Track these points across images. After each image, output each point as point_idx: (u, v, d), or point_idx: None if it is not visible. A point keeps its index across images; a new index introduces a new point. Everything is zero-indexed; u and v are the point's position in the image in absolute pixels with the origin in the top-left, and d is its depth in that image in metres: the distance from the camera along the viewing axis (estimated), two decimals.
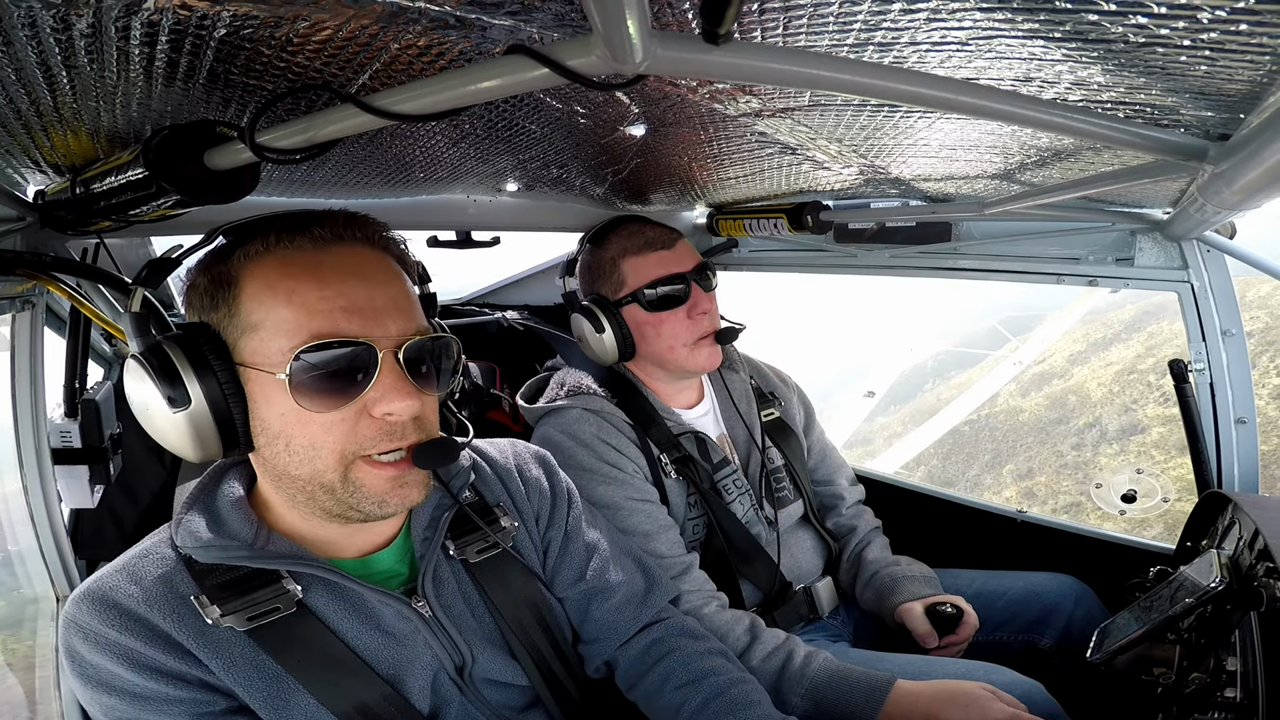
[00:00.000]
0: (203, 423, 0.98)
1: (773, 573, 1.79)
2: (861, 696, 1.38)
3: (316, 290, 0.98)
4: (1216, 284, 1.78)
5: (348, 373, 0.98)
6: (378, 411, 0.99)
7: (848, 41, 0.73)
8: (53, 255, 1.36)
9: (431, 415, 1.08)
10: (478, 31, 0.74)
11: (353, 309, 0.98)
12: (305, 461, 1.00)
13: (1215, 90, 0.78)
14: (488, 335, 2.66)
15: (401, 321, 1.02)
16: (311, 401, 0.97)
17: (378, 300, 1.01)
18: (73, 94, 0.87)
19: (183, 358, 0.97)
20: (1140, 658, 1.32)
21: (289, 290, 0.98)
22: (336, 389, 0.98)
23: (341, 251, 1.03)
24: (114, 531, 1.84)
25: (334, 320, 0.97)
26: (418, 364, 1.04)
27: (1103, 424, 16.10)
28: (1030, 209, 1.70)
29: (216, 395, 0.97)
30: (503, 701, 1.21)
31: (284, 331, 0.97)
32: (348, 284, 1.00)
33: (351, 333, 0.98)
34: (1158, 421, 14.87)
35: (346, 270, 1.01)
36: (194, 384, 0.96)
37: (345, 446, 0.99)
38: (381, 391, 0.99)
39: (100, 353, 1.96)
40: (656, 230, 1.79)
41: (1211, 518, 1.60)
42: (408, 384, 1.01)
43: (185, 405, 0.96)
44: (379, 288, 1.02)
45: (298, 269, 0.99)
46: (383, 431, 1.01)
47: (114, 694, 0.97)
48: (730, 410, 1.94)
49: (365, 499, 1.02)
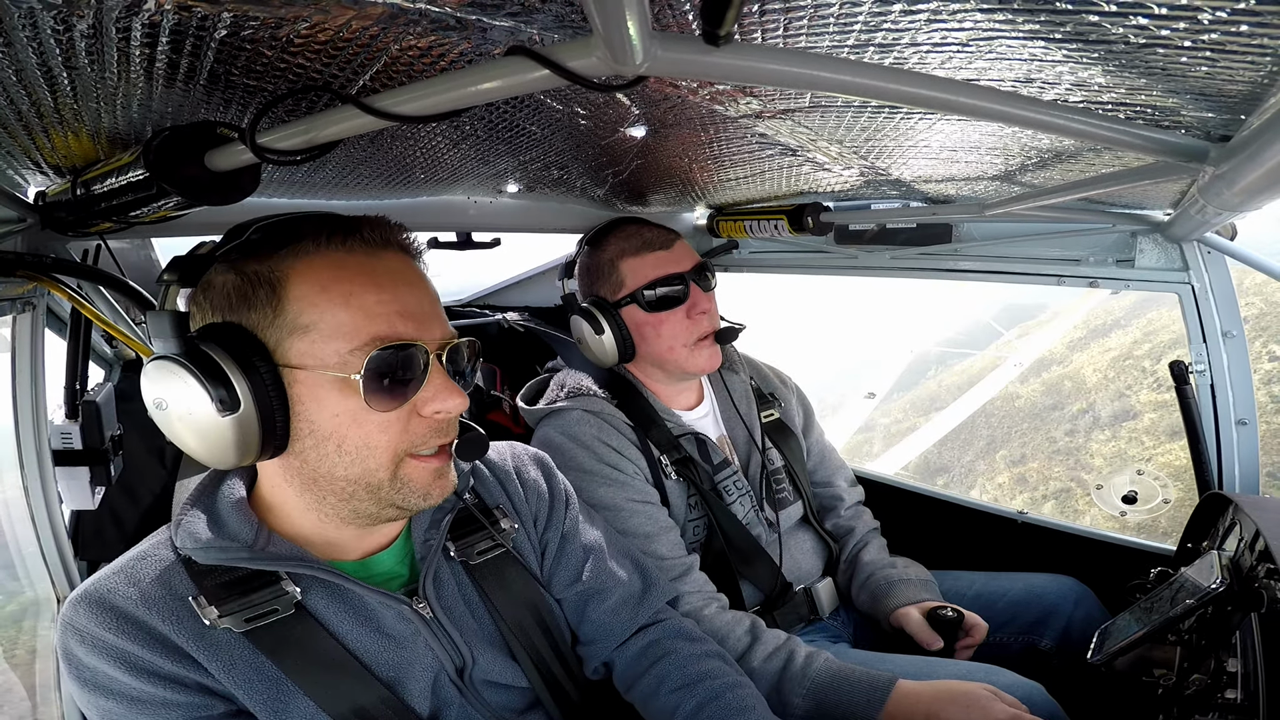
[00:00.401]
0: (249, 426, 0.95)
1: (774, 574, 1.79)
2: (863, 696, 1.38)
3: (374, 294, 1.00)
4: (1217, 285, 1.78)
5: (407, 373, 1.01)
6: (428, 410, 1.03)
7: (848, 43, 0.73)
8: (53, 257, 1.36)
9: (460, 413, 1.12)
10: (478, 33, 0.74)
11: (406, 313, 1.01)
12: (357, 461, 1.01)
13: (1216, 91, 0.78)
14: (488, 337, 2.66)
15: (441, 326, 1.07)
16: (379, 401, 0.99)
17: (424, 305, 1.05)
18: (73, 95, 0.87)
19: (229, 359, 0.94)
20: (1141, 659, 1.31)
21: (346, 293, 0.99)
22: (395, 390, 1.00)
23: (389, 257, 1.05)
24: (115, 533, 1.84)
25: (392, 324, 1.00)
26: (456, 364, 1.08)
27: (1096, 410, 16.14)
28: (1031, 210, 1.70)
29: (265, 398, 0.96)
30: (502, 703, 1.20)
31: (341, 334, 0.97)
32: (400, 289, 1.02)
33: (408, 336, 1.00)
34: (1150, 408, 14.91)
35: (397, 275, 1.04)
36: (243, 385, 0.94)
37: (398, 445, 1.02)
38: (433, 391, 1.03)
39: (100, 354, 1.96)
40: (654, 231, 1.79)
41: (1212, 519, 1.60)
42: (453, 384, 1.05)
43: (234, 408, 0.94)
44: (424, 293, 1.07)
45: (352, 272, 1.00)
46: (432, 429, 1.05)
47: (111, 697, 0.97)
48: (730, 411, 1.94)
49: (412, 493, 1.05)
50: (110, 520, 1.84)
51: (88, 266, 1.45)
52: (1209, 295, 1.78)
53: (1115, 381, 16.48)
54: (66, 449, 1.59)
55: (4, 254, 1.28)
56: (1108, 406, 15.87)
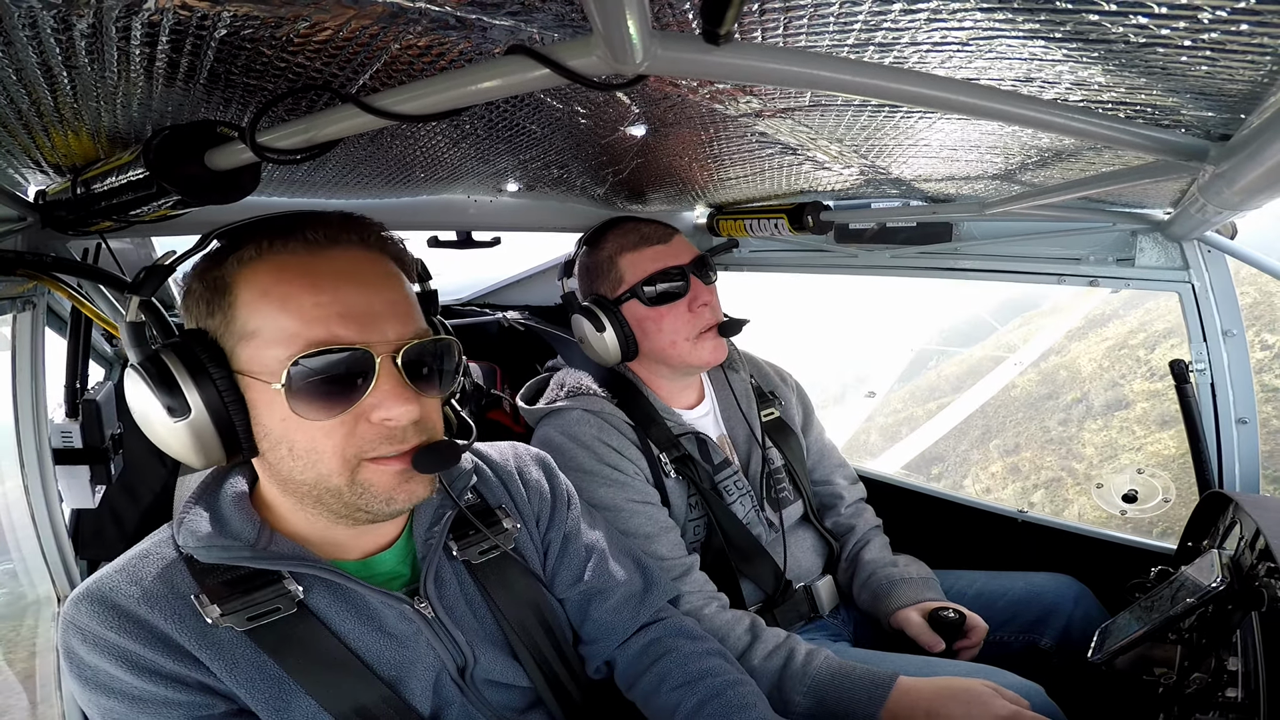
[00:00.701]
0: (204, 431, 0.98)
1: (776, 574, 1.79)
2: (864, 694, 1.38)
3: (311, 296, 0.97)
4: (1217, 284, 1.78)
5: (346, 379, 0.97)
6: (376, 417, 0.99)
7: (848, 42, 0.73)
8: (53, 255, 1.36)
9: (433, 417, 1.07)
10: (478, 32, 0.74)
11: (349, 314, 0.98)
12: (309, 466, 1.00)
13: (1216, 90, 0.78)
14: (488, 335, 2.66)
15: (399, 325, 1.02)
16: (309, 409, 0.97)
17: (375, 304, 1.00)
18: (73, 94, 0.87)
19: (181, 367, 0.96)
20: (1141, 658, 1.31)
21: (283, 296, 0.97)
22: (335, 396, 0.97)
23: (336, 255, 1.02)
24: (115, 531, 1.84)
25: (330, 327, 0.96)
26: (417, 367, 1.03)
27: (1090, 399, 16.24)
28: (1031, 209, 1.70)
29: (216, 404, 0.97)
30: (504, 703, 1.21)
31: (281, 339, 0.96)
32: (343, 289, 0.99)
33: (348, 339, 0.97)
34: (1142, 397, 14.98)
35: (342, 275, 1.00)
36: (193, 393, 0.96)
37: (346, 451, 0.99)
38: (380, 397, 0.99)
39: (101, 353, 1.96)
40: (652, 226, 1.79)
41: (1212, 518, 1.60)
42: (406, 389, 1.00)
43: (185, 414, 0.96)
44: (375, 292, 1.01)
45: (292, 274, 0.98)
46: (382, 435, 1.00)
47: (112, 696, 0.97)
48: (731, 410, 1.94)
49: (373, 498, 1.02)
50: (110, 519, 1.84)
51: (88, 265, 1.45)
52: (1209, 294, 1.78)
53: (1110, 371, 16.60)
54: (67, 448, 1.60)
55: (4, 253, 1.28)
56: (1101, 396, 15.99)
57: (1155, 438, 13.24)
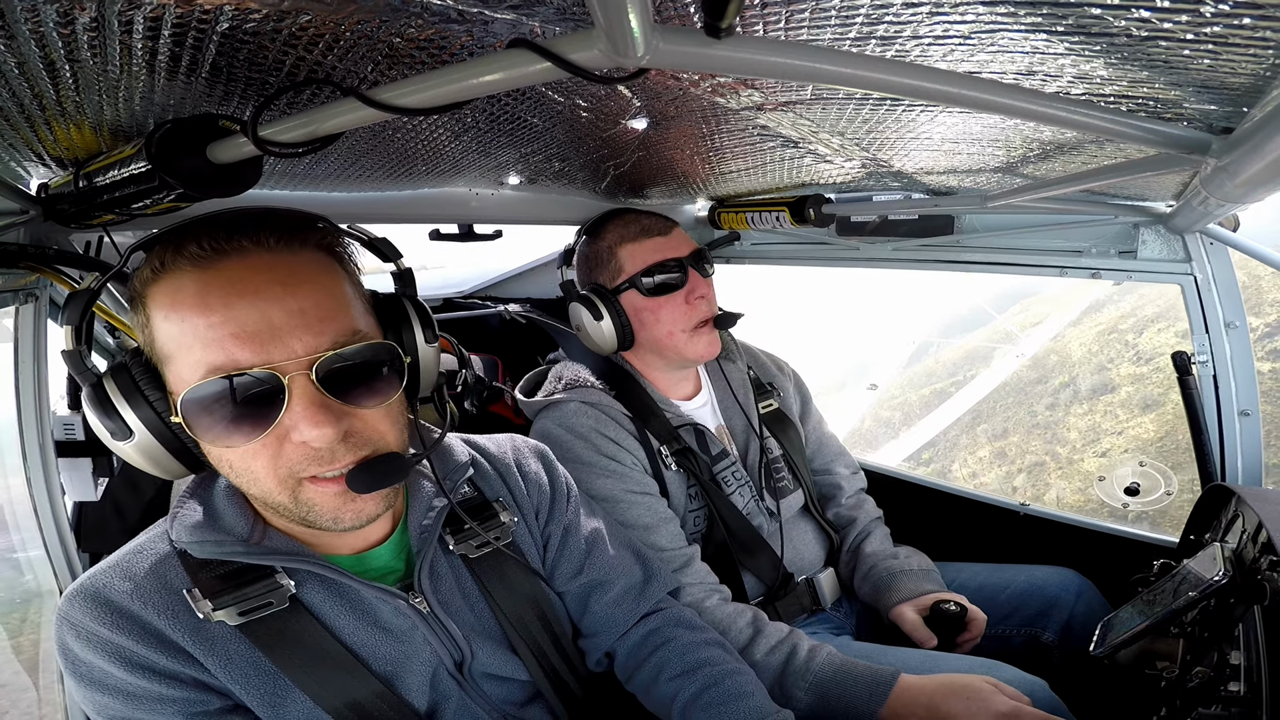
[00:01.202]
0: (153, 451, 0.97)
1: (775, 564, 1.79)
2: (866, 691, 1.38)
3: (203, 318, 0.89)
4: (1220, 276, 1.77)
5: (254, 403, 0.91)
6: (295, 439, 0.93)
7: (850, 35, 0.73)
8: (56, 248, 1.37)
9: (373, 428, 0.99)
10: (480, 25, 0.74)
11: (243, 334, 0.89)
12: (251, 483, 0.97)
13: (1218, 84, 0.78)
14: (490, 328, 2.66)
15: (310, 337, 0.92)
16: (216, 437, 0.92)
17: (274, 317, 0.90)
18: (76, 88, 0.87)
19: (118, 392, 0.94)
20: (1143, 652, 1.31)
21: (179, 320, 0.90)
22: (244, 421, 0.91)
23: (226, 266, 0.91)
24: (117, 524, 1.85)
25: (226, 350, 0.89)
26: (340, 380, 0.94)
27: (1077, 383, 16.33)
28: (1033, 202, 1.70)
29: (157, 425, 0.95)
30: (503, 696, 1.21)
31: (188, 364, 0.91)
32: (234, 305, 0.89)
33: (246, 361, 0.89)
34: (1128, 380, 15.06)
35: (232, 288, 0.90)
36: (132, 417, 0.94)
37: (278, 471, 0.94)
38: (294, 419, 0.91)
39: (103, 345, 1.96)
40: (652, 218, 1.80)
41: (1215, 511, 1.60)
42: (323, 409, 0.92)
43: (129, 437, 0.95)
44: (275, 302, 0.91)
45: (184, 295, 0.90)
46: (308, 456, 0.94)
47: (107, 692, 0.97)
48: (728, 401, 1.94)
49: (320, 516, 0.98)
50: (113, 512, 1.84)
51: (90, 258, 1.45)
52: (1211, 286, 1.78)
53: (1098, 355, 16.73)
54: (69, 440, 1.60)
55: (6, 245, 1.28)
56: (1088, 380, 16.11)
57: (1136, 421, 13.34)
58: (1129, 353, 16.00)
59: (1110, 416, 14.35)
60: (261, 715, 1.02)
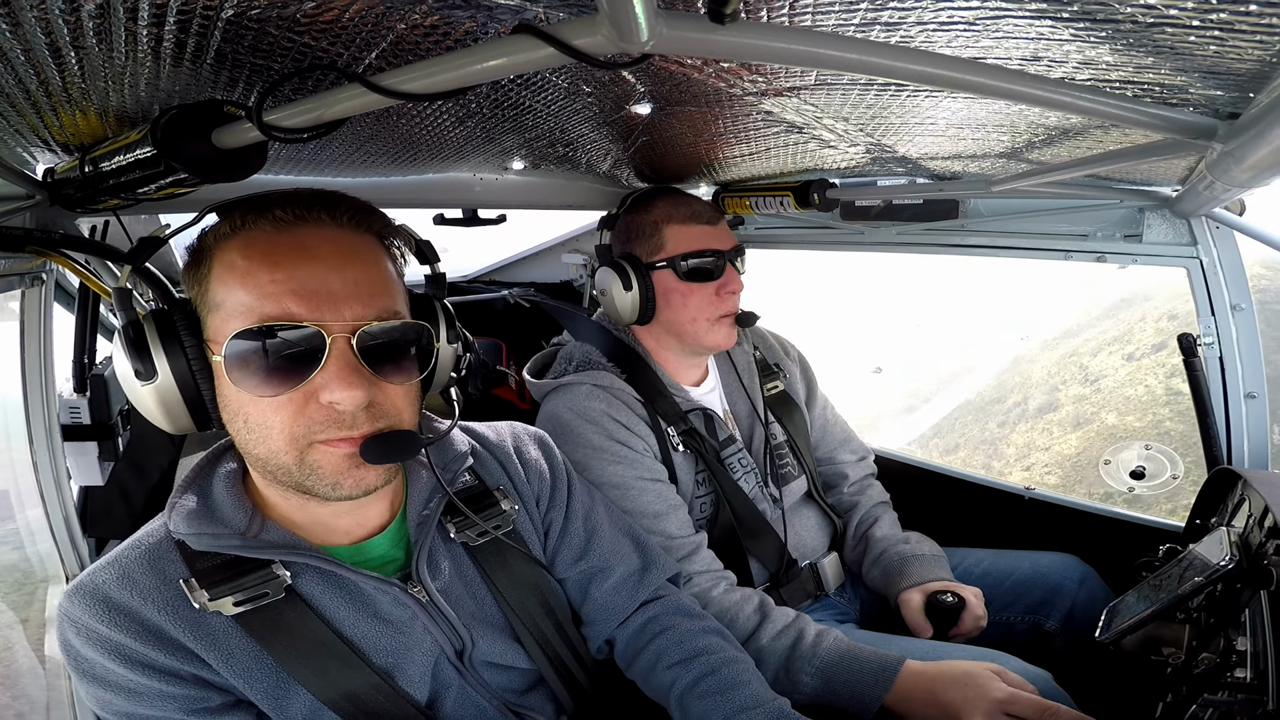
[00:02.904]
0: (170, 396, 0.99)
1: (780, 550, 1.80)
2: (871, 676, 1.39)
3: (269, 273, 0.96)
4: (1226, 259, 1.77)
5: (294, 357, 0.95)
6: (324, 398, 0.97)
7: (854, 21, 0.73)
8: (62, 232, 1.37)
9: (393, 404, 1.04)
10: (484, 11, 0.74)
11: (303, 292, 0.96)
12: (260, 441, 0.99)
13: (1225, 69, 0.78)
14: (494, 312, 2.67)
15: (359, 305, 0.99)
16: (251, 384, 0.96)
17: (333, 283, 0.97)
18: (81, 74, 0.87)
19: (155, 333, 0.98)
20: (1149, 638, 1.31)
21: (245, 271, 0.97)
22: (281, 373, 0.96)
23: (302, 233, 1.00)
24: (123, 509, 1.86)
25: (283, 304, 0.95)
26: (376, 350, 1.00)
27: (1028, 402, 16.89)
28: (1038, 187, 1.69)
29: (183, 370, 0.98)
30: (504, 684, 1.21)
31: (238, 313, 0.96)
32: (301, 267, 0.97)
33: (300, 316, 0.95)
34: (1071, 400, 15.77)
35: (303, 253, 0.98)
36: (162, 359, 0.98)
37: (294, 429, 0.98)
38: (327, 378, 0.96)
39: (109, 328, 1.97)
40: (703, 205, 1.82)
41: (1221, 495, 1.59)
42: (356, 373, 0.97)
43: (152, 379, 0.98)
44: (336, 270, 0.98)
45: (256, 250, 0.98)
46: (330, 418, 0.98)
47: (109, 689, 0.98)
48: (734, 385, 1.95)
49: (320, 480, 1.00)
50: (119, 496, 1.86)
51: (95, 242, 1.46)
52: (1217, 269, 1.77)
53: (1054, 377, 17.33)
54: (75, 424, 1.61)
55: (13, 230, 1.29)
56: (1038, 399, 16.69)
57: (1065, 439, 14.01)
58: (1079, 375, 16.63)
59: (1046, 434, 14.94)
60: (265, 709, 1.03)
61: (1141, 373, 14.87)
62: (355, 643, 1.07)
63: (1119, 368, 15.57)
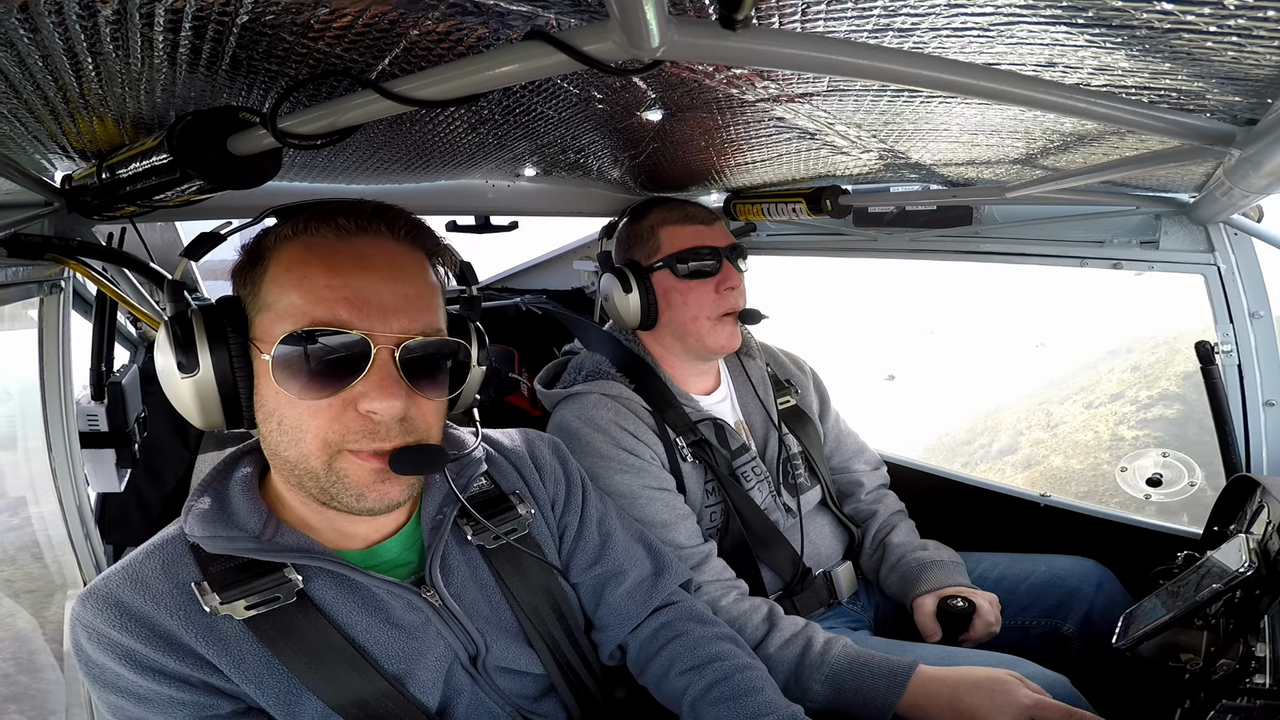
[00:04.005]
0: (207, 392, 1.00)
1: (794, 560, 1.78)
2: (883, 683, 1.38)
3: (325, 278, 0.98)
4: (1244, 266, 1.76)
5: (339, 363, 0.98)
6: (362, 407, 0.98)
7: (867, 27, 0.73)
8: (79, 240, 1.38)
9: (426, 419, 1.06)
10: (496, 17, 0.74)
11: (356, 300, 0.98)
12: (292, 444, 1.01)
13: (1242, 75, 0.77)
14: (506, 319, 2.67)
15: (406, 319, 1.01)
16: (294, 386, 0.98)
17: (385, 295, 1.00)
18: (99, 80, 0.88)
19: (201, 327, 0.99)
20: (1167, 644, 1.29)
21: (302, 275, 0.99)
22: (325, 378, 0.98)
23: (361, 243, 1.03)
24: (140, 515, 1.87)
25: (335, 310, 0.97)
26: (417, 365, 1.03)
27: (991, 445, 17.92)
28: (1053, 193, 1.68)
29: (224, 367, 1.00)
30: (516, 690, 1.21)
31: (289, 315, 0.98)
32: (357, 276, 0.99)
33: (349, 324, 0.97)
34: (1027, 444, 17.06)
35: (360, 262, 1.01)
36: (205, 354, 0.99)
37: (328, 435, 0.99)
38: (368, 387, 0.98)
39: (126, 336, 1.99)
40: (697, 207, 1.85)
41: (1240, 502, 1.57)
42: (397, 384, 0.99)
43: (193, 372, 0.99)
44: (389, 283, 1.01)
45: (314, 256, 1.00)
46: (365, 428, 1.00)
47: (120, 694, 0.98)
48: (748, 397, 1.94)
49: (345, 490, 1.01)
50: (135, 503, 1.87)
51: (112, 249, 1.47)
52: (1235, 276, 1.76)
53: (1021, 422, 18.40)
54: (93, 431, 1.62)
55: (31, 237, 1.30)
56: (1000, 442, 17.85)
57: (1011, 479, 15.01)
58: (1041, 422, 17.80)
59: (999, 474, 15.95)
60: (276, 715, 1.03)
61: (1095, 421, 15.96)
62: (367, 648, 1.07)
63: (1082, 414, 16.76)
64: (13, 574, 1.98)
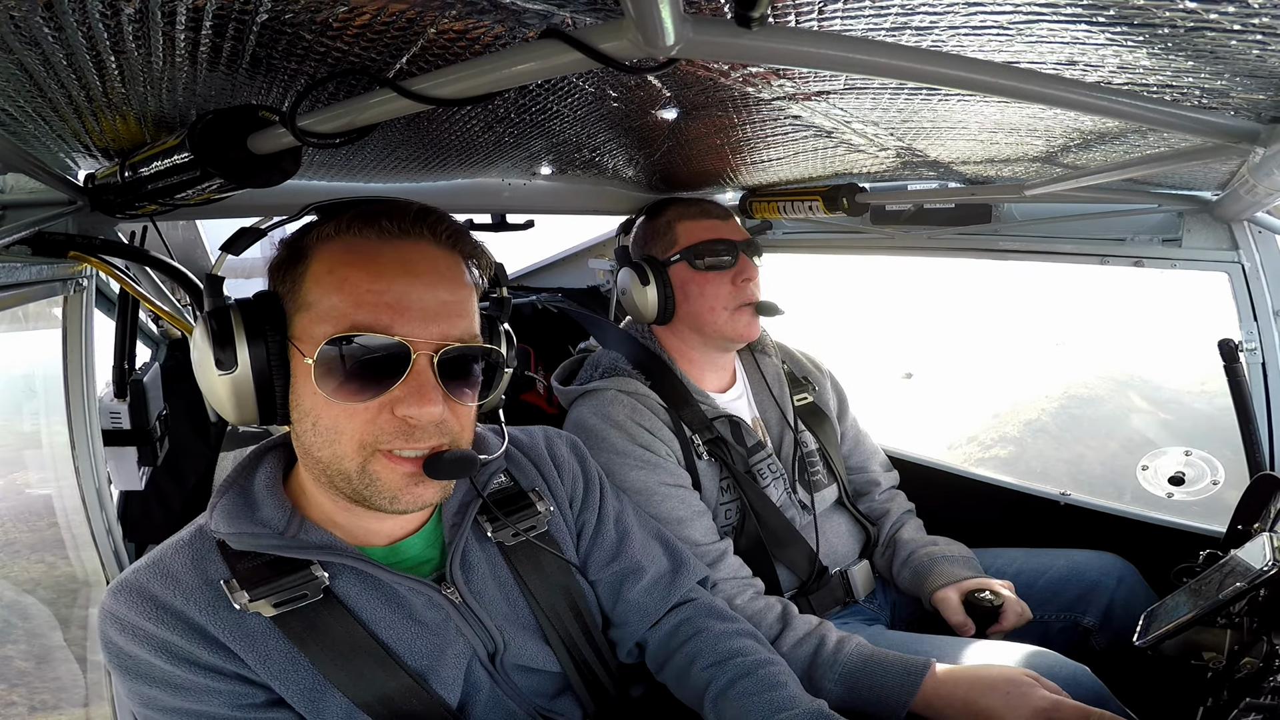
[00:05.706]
0: (244, 388, 1.01)
1: (810, 557, 1.78)
2: (896, 681, 1.36)
3: (368, 282, 0.99)
4: (1268, 264, 1.73)
5: (379, 367, 0.98)
6: (399, 411, 0.99)
7: (884, 25, 0.72)
8: (102, 238, 1.40)
9: (460, 422, 1.07)
10: (512, 16, 0.74)
11: (398, 305, 0.99)
12: (327, 444, 1.01)
13: (1267, 73, 0.76)
14: (522, 317, 2.68)
15: (445, 325, 1.02)
16: (335, 389, 0.98)
17: (426, 300, 1.01)
18: (121, 79, 0.89)
19: (240, 324, 1.00)
20: (1189, 643, 1.28)
21: (344, 277, 1.00)
22: (364, 381, 0.98)
23: (404, 247, 1.03)
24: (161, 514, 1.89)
25: (377, 314, 0.98)
26: (454, 370, 1.04)
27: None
28: (1073, 191, 1.66)
29: (261, 363, 1.00)
30: (534, 688, 1.21)
31: (330, 316, 0.99)
32: (399, 280, 1.00)
33: (391, 328, 0.98)
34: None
35: (403, 266, 1.01)
36: (244, 350, 0.99)
37: (364, 437, 1.00)
38: (406, 392, 0.99)
39: (148, 334, 2.01)
40: (712, 204, 1.90)
41: (1263, 500, 1.56)
42: (435, 389, 1.00)
43: (231, 369, 1.00)
44: (430, 289, 1.02)
45: (357, 258, 1.01)
46: (401, 430, 1.00)
47: (154, 684, 0.99)
48: (763, 393, 1.94)
49: (378, 493, 1.02)
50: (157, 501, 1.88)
51: (134, 248, 1.49)
52: (1260, 274, 1.74)
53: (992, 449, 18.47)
54: (115, 429, 1.64)
55: (55, 235, 1.32)
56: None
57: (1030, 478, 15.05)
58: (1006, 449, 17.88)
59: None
60: (301, 711, 1.04)
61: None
62: (390, 645, 1.08)
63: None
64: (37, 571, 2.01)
